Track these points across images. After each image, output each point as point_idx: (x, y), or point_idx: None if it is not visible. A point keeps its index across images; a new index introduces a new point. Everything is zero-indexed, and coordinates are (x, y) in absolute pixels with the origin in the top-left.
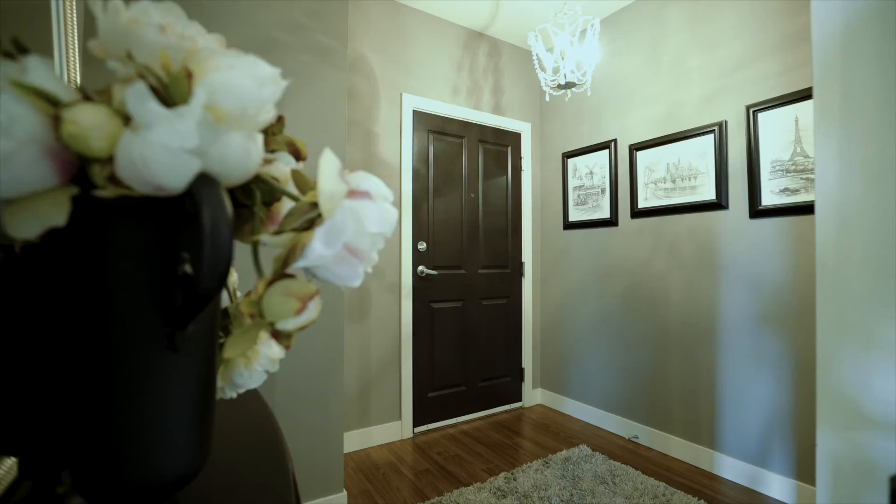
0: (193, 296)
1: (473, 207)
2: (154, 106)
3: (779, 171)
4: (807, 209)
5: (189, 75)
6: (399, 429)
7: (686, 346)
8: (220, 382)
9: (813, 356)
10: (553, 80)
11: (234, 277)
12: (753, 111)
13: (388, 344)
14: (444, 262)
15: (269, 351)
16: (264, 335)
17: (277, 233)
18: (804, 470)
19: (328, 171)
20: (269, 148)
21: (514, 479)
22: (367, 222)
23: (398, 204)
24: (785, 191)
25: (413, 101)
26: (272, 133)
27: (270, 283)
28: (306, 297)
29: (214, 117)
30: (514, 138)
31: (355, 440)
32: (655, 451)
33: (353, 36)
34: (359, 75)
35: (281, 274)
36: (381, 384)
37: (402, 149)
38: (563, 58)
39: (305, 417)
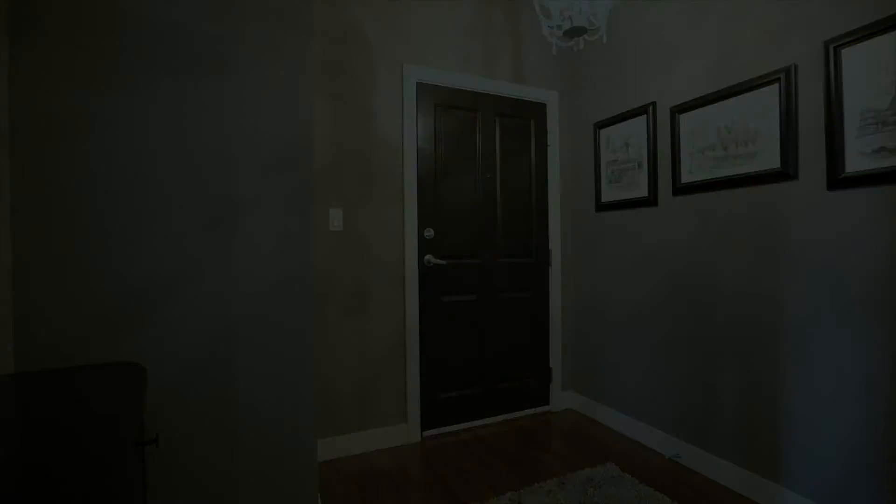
0: None
1: (490, 189)
2: None
3: (872, 124)
4: None
5: None
6: (405, 432)
7: (742, 350)
8: None
9: None
10: (558, 27)
11: None
12: (835, 48)
13: (391, 340)
14: (456, 251)
15: None
16: None
17: None
18: None
19: None
20: None
21: (519, 503)
22: None
23: (399, 187)
24: (881, 150)
25: (416, 73)
26: None
27: None
28: None
29: None
30: (538, 109)
31: (355, 443)
32: (700, 475)
33: (344, 3)
34: (352, 47)
35: None
36: (383, 384)
37: (403, 126)
38: None
39: (269, 424)
